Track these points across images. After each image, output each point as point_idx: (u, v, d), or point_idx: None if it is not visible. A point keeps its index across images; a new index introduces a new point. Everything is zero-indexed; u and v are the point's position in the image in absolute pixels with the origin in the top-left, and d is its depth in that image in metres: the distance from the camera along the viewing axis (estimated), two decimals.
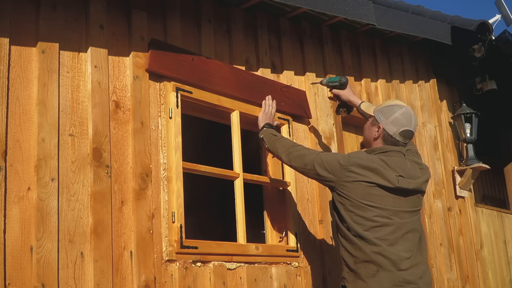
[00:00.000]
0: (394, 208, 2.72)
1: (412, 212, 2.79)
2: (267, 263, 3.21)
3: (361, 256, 2.67)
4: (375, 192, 2.70)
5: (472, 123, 5.31)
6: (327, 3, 3.62)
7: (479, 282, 5.22)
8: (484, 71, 5.41)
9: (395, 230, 2.69)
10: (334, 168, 2.77)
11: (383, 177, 2.70)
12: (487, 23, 4.79)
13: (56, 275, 2.31)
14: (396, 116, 2.82)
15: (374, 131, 2.89)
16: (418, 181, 2.82)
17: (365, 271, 2.64)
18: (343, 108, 3.54)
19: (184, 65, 3.01)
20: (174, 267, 2.74)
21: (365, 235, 2.67)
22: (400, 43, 4.95)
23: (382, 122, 2.84)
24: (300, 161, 2.93)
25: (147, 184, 2.74)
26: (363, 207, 2.69)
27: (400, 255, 2.66)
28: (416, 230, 2.78)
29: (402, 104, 2.91)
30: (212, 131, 4.84)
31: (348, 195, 2.73)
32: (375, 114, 2.91)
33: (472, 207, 5.44)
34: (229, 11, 3.50)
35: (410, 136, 2.85)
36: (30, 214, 2.30)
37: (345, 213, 2.74)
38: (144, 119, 2.80)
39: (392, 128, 2.81)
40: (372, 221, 2.68)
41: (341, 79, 3.39)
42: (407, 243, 2.71)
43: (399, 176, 2.73)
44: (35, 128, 2.38)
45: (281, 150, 3.03)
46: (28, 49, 2.44)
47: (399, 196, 2.74)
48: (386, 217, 2.69)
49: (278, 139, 3.09)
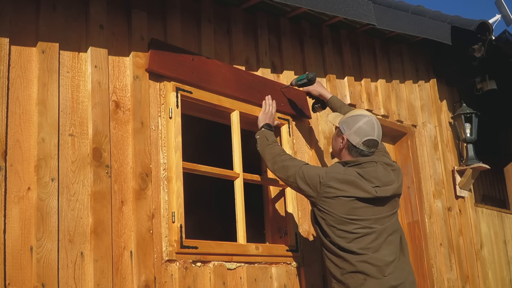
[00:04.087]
0: (374, 216, 2.74)
1: (391, 216, 2.81)
2: (267, 263, 3.21)
3: (348, 267, 2.68)
4: (355, 206, 2.71)
5: (472, 123, 5.31)
6: (327, 3, 3.62)
7: (479, 282, 5.21)
8: (484, 71, 5.41)
9: (377, 237, 2.72)
10: (314, 183, 2.77)
11: (361, 189, 2.71)
12: (487, 23, 4.79)
13: (56, 275, 2.31)
14: (359, 126, 2.82)
15: (339, 142, 2.91)
16: (394, 186, 2.83)
17: (352, 281, 2.67)
18: (318, 104, 3.60)
19: (184, 65, 3.01)
20: (174, 267, 2.74)
21: (349, 247, 2.68)
22: (400, 43, 4.95)
23: (345, 133, 2.85)
24: (284, 172, 2.92)
25: (147, 184, 2.74)
26: (345, 221, 2.71)
27: (385, 260, 2.68)
28: (396, 231, 2.81)
29: (366, 113, 2.91)
30: (212, 131, 4.84)
31: (329, 211, 2.73)
32: (339, 125, 2.92)
33: (472, 207, 5.44)
34: (229, 11, 3.50)
35: (375, 145, 2.84)
36: (30, 214, 2.30)
37: (327, 228, 2.75)
38: (144, 119, 2.80)
39: (356, 138, 2.81)
40: (354, 233, 2.70)
41: (308, 75, 3.40)
42: (390, 246, 2.74)
43: (375, 187, 2.74)
44: (35, 128, 2.38)
45: (268, 157, 3.02)
46: (28, 49, 2.44)
47: (378, 206, 2.76)
48: (367, 227, 2.71)
49: (268, 145, 3.06)
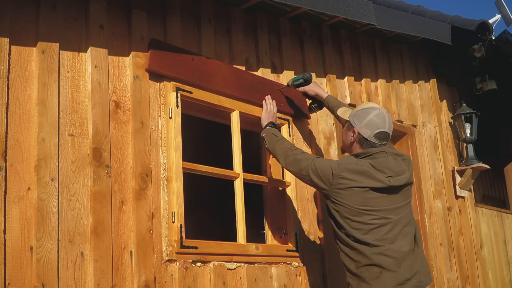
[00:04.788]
0: (389, 206, 2.73)
1: (405, 206, 2.81)
2: (267, 263, 3.21)
3: (363, 260, 2.67)
4: (369, 196, 2.70)
5: (472, 123, 5.31)
6: (327, 3, 3.62)
7: (479, 282, 5.21)
8: (484, 71, 5.41)
9: (393, 227, 2.70)
10: (327, 176, 2.76)
11: (374, 179, 2.71)
12: (487, 23, 4.79)
13: (56, 275, 2.31)
14: (370, 119, 2.82)
15: (350, 136, 2.90)
16: (406, 176, 2.83)
17: (368, 274, 2.64)
18: (314, 104, 3.60)
19: (184, 65, 3.01)
20: (174, 267, 2.74)
21: (365, 239, 2.67)
22: (400, 43, 4.95)
23: (356, 126, 2.85)
24: (296, 166, 2.92)
25: (147, 184, 2.74)
26: (360, 212, 2.69)
27: (401, 251, 2.67)
28: (411, 222, 2.81)
29: (376, 106, 2.90)
30: (212, 131, 4.84)
31: (343, 202, 2.72)
32: (350, 118, 2.92)
33: (472, 207, 5.44)
34: (229, 11, 3.50)
35: (386, 137, 2.85)
36: (30, 214, 2.30)
37: (341, 220, 2.74)
38: (144, 119, 2.80)
39: (367, 131, 2.81)
40: (370, 224, 2.68)
41: (304, 75, 3.41)
42: (406, 237, 2.73)
43: (388, 177, 2.74)
44: (35, 128, 2.38)
45: (279, 152, 3.03)
46: (28, 49, 2.44)
47: (392, 194, 2.75)
48: (383, 217, 2.70)
49: (278, 140, 3.07)
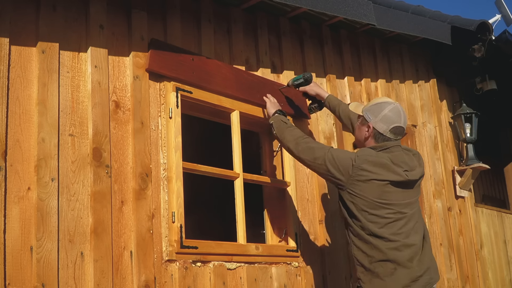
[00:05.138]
0: (404, 201, 2.71)
1: (416, 201, 2.80)
2: (267, 263, 3.21)
3: (378, 255, 2.63)
4: (387, 190, 2.67)
5: (472, 123, 5.31)
6: (327, 3, 3.62)
7: (479, 282, 5.21)
8: (484, 71, 5.42)
9: (407, 222, 2.69)
10: (345, 166, 2.70)
11: (394, 172, 2.68)
12: (487, 23, 4.79)
13: (56, 275, 2.31)
14: (386, 113, 2.78)
15: (364, 131, 2.85)
16: (420, 170, 2.82)
17: (382, 270, 2.61)
18: (314, 104, 3.60)
19: (184, 65, 3.01)
20: (174, 267, 2.74)
21: (381, 233, 2.63)
22: (400, 43, 4.95)
23: (371, 121, 2.81)
24: (309, 154, 2.83)
25: (147, 184, 2.74)
26: (377, 206, 2.66)
27: (415, 246, 2.66)
28: (420, 218, 2.80)
29: (390, 100, 2.86)
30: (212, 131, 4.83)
31: (361, 195, 2.67)
32: (363, 113, 2.86)
33: (472, 207, 5.44)
34: (229, 11, 3.50)
35: (401, 132, 2.81)
36: (30, 214, 2.30)
37: (357, 213, 2.68)
38: (144, 119, 2.80)
39: (382, 126, 2.77)
40: (386, 218, 2.65)
41: (305, 75, 3.40)
42: (418, 233, 2.72)
43: (405, 171, 2.73)
44: (35, 128, 2.38)
45: (289, 139, 2.94)
46: (28, 49, 2.44)
47: (407, 189, 2.74)
48: (399, 212, 2.68)
49: (288, 127, 3.00)
